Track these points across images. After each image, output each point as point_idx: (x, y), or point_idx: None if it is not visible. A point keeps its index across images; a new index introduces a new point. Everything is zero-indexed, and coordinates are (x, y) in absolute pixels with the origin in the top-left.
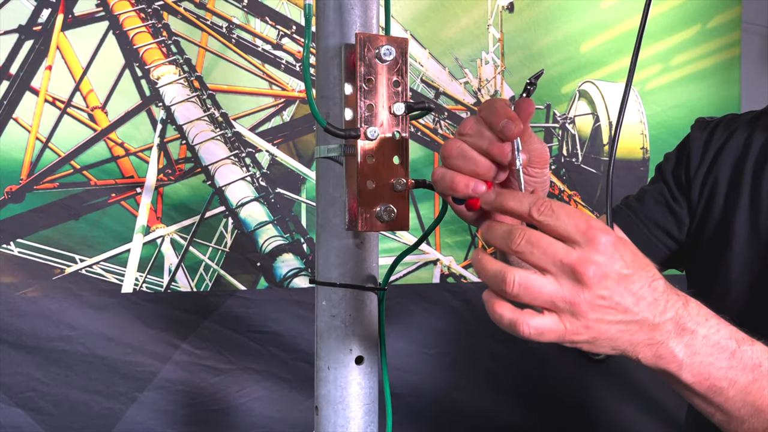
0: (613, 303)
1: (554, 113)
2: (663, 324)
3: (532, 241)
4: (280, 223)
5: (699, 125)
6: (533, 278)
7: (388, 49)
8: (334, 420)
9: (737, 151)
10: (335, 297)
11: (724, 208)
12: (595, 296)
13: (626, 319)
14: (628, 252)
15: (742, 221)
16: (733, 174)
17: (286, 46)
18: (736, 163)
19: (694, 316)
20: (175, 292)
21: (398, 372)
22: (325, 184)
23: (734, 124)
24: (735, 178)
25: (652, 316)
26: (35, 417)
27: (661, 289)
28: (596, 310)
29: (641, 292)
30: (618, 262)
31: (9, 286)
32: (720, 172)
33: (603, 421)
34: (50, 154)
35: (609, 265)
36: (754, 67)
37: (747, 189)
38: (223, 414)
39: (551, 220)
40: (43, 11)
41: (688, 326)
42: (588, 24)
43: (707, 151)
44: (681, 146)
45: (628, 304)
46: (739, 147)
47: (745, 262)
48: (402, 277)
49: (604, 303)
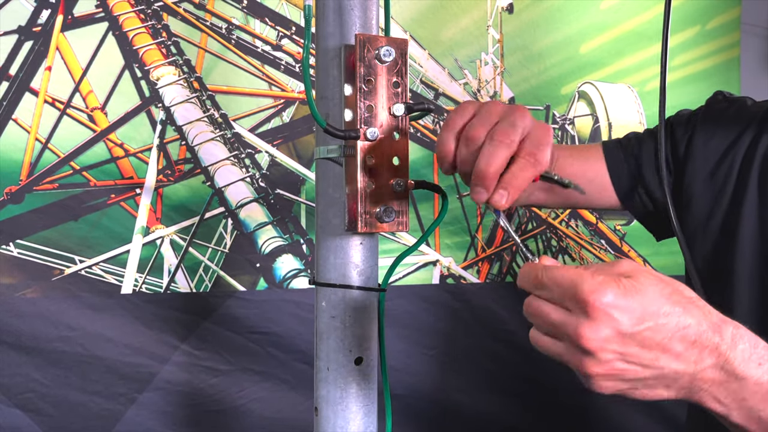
0: (625, 363)
1: (554, 114)
2: (702, 372)
3: (530, 311)
4: (280, 224)
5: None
6: (540, 336)
7: (387, 50)
8: (334, 421)
9: (745, 149)
10: (335, 298)
11: (730, 203)
12: (600, 361)
13: (651, 375)
14: (635, 305)
15: (748, 216)
16: (741, 171)
17: (285, 47)
18: (744, 160)
19: (745, 360)
20: (175, 293)
21: (398, 373)
22: (325, 185)
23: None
24: (742, 175)
25: (685, 366)
26: (34, 418)
27: (692, 337)
28: (605, 375)
29: (663, 344)
30: (620, 321)
31: (8, 287)
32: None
33: (603, 422)
34: (50, 155)
35: (607, 329)
36: (754, 68)
37: (754, 185)
38: (223, 415)
39: (543, 291)
40: (43, 12)
41: (737, 372)
42: (587, 25)
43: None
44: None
45: (647, 361)
46: (746, 145)
47: (751, 257)
48: (402, 277)
49: (614, 366)
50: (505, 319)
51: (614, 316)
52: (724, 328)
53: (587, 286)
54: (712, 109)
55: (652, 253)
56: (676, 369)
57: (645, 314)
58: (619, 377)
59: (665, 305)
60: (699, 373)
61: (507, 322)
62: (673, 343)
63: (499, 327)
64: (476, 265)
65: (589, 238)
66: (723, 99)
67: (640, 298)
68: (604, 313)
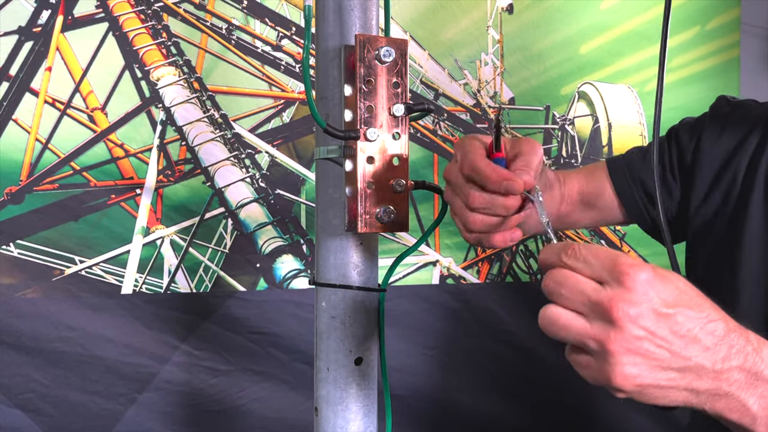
0: (654, 346)
1: (553, 114)
2: (728, 372)
3: (559, 280)
4: (280, 225)
5: (719, 105)
6: (561, 312)
7: (387, 50)
8: (334, 421)
9: (752, 150)
10: (335, 298)
11: (737, 203)
12: (628, 337)
13: (676, 366)
14: (670, 289)
15: (756, 216)
16: (748, 171)
17: (285, 47)
18: (751, 161)
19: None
20: (175, 293)
21: (398, 373)
22: (325, 185)
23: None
24: (749, 175)
25: (712, 362)
26: (34, 418)
27: (720, 333)
28: (631, 354)
29: (692, 334)
30: (655, 299)
31: (8, 287)
32: (737, 171)
33: (603, 422)
34: (50, 156)
35: (643, 303)
36: (754, 69)
37: (761, 184)
38: (223, 415)
39: (577, 262)
40: (43, 12)
41: (764, 374)
42: (587, 25)
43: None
44: (696, 123)
45: (676, 348)
46: (753, 146)
47: (757, 259)
48: (401, 278)
49: (642, 346)
50: (505, 320)
51: (650, 293)
52: (748, 333)
53: (626, 260)
54: (717, 113)
55: (651, 253)
56: (703, 364)
57: (679, 299)
58: (644, 361)
59: (696, 297)
60: (725, 372)
61: (507, 323)
62: (703, 335)
63: (499, 327)
64: (476, 266)
65: (589, 237)
66: (727, 103)
67: (673, 285)
68: (642, 287)
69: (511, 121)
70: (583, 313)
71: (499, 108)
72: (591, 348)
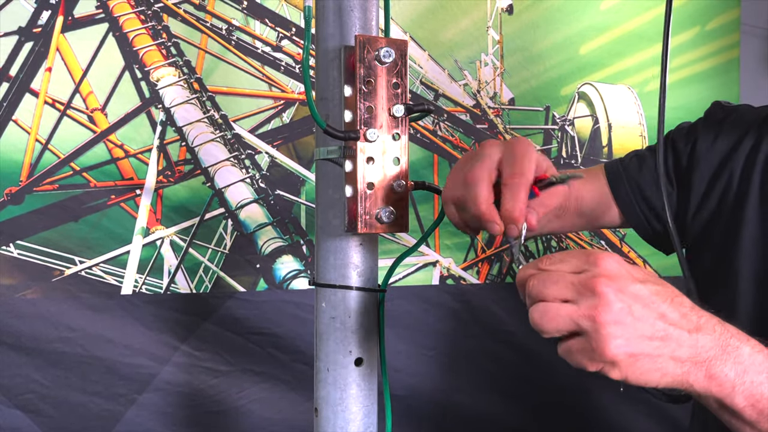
0: (638, 314)
1: (553, 115)
2: (703, 339)
3: (542, 278)
4: (280, 225)
5: (713, 110)
6: (549, 305)
7: (387, 51)
8: (334, 422)
9: (746, 153)
10: (335, 299)
11: (733, 206)
12: (614, 308)
13: (659, 334)
14: (638, 270)
15: (752, 219)
16: (743, 174)
17: (285, 48)
18: (746, 164)
19: (735, 333)
20: (175, 293)
21: (398, 374)
22: (325, 185)
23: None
24: (745, 178)
25: (687, 329)
26: (34, 419)
27: (687, 305)
28: (618, 325)
29: (665, 307)
30: (630, 277)
31: (8, 288)
32: (732, 174)
33: (604, 424)
34: (50, 156)
35: (622, 279)
36: (753, 69)
37: (756, 188)
38: (223, 415)
39: (554, 264)
40: (43, 13)
41: (731, 342)
42: (587, 26)
43: (715, 145)
44: (691, 128)
45: (655, 317)
46: (747, 149)
47: (753, 259)
48: (401, 278)
49: (627, 315)
50: (505, 320)
51: (623, 271)
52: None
53: (596, 250)
54: (711, 118)
55: (651, 253)
56: (680, 331)
57: (647, 278)
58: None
59: (659, 279)
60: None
61: (507, 323)
62: (674, 306)
63: (499, 328)
64: (476, 266)
65: (589, 238)
66: (721, 109)
67: (640, 268)
68: (616, 267)
69: (511, 122)
70: (569, 299)
71: (571, 177)
72: (582, 326)
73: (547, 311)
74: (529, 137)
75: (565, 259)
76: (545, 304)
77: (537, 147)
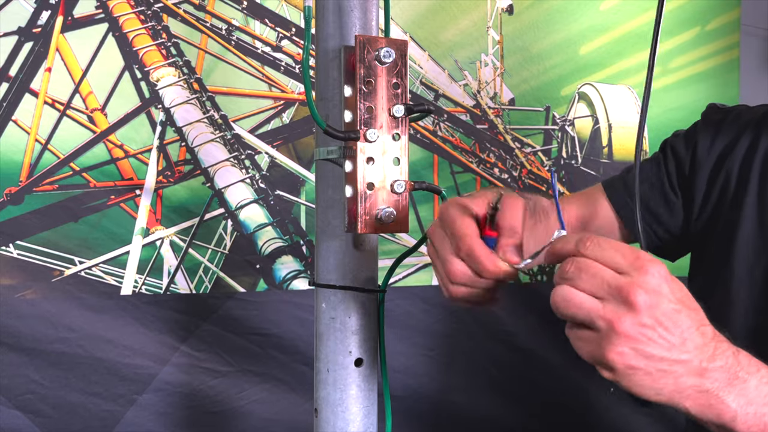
0: (657, 336)
1: (553, 115)
2: (712, 371)
3: (581, 266)
4: (280, 225)
5: (710, 112)
6: (576, 292)
7: (387, 51)
8: (334, 422)
9: (744, 152)
10: (335, 299)
11: (731, 205)
12: (638, 322)
13: (670, 358)
14: (678, 289)
15: (749, 218)
16: (741, 173)
17: (285, 48)
18: (743, 162)
19: (745, 366)
20: (175, 294)
21: (397, 374)
22: (325, 186)
23: (742, 121)
24: (742, 177)
25: (699, 360)
26: (34, 419)
27: (710, 335)
28: (635, 339)
29: (689, 333)
30: (669, 296)
31: (8, 288)
32: (730, 172)
33: (604, 425)
34: (49, 156)
35: (660, 297)
36: (753, 69)
37: (754, 187)
38: (222, 416)
39: (598, 252)
40: (43, 13)
41: (740, 375)
42: (587, 26)
43: (713, 146)
44: (690, 133)
45: (675, 342)
46: (745, 148)
47: (750, 262)
48: (401, 279)
49: (646, 333)
50: (505, 321)
51: (665, 287)
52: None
53: (644, 254)
54: (709, 120)
55: None
56: (692, 359)
57: (683, 299)
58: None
59: (694, 301)
60: (709, 371)
61: (507, 324)
62: (697, 335)
63: (499, 328)
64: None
65: None
66: (717, 110)
67: (679, 285)
68: (658, 281)
69: (511, 122)
70: (599, 296)
71: (499, 196)
72: (598, 326)
73: (571, 299)
74: (529, 137)
75: (609, 250)
76: (572, 291)
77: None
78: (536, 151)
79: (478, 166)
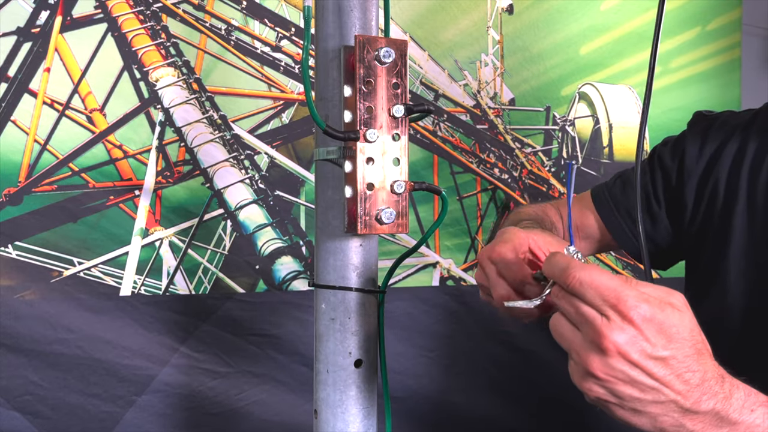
0: (629, 379)
1: (554, 115)
2: (697, 415)
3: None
4: (279, 226)
5: (697, 119)
6: (563, 322)
7: (387, 51)
8: (333, 423)
9: (732, 158)
10: (334, 300)
11: (721, 213)
12: (607, 365)
13: (644, 399)
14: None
15: (740, 226)
16: (730, 180)
17: (285, 48)
18: (732, 169)
19: (738, 408)
20: (174, 294)
21: (397, 375)
22: (324, 186)
23: (729, 126)
24: (732, 184)
25: (681, 404)
26: (33, 420)
27: (696, 382)
28: (605, 380)
29: (669, 378)
30: (644, 343)
31: (7, 289)
32: (719, 178)
33: (604, 425)
34: (48, 157)
35: (636, 341)
36: (755, 69)
37: (744, 194)
38: (222, 417)
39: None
40: (42, 13)
41: (731, 418)
42: (587, 26)
43: (702, 154)
44: (677, 142)
45: (652, 385)
46: (732, 153)
47: (741, 267)
48: (401, 279)
49: (616, 375)
50: (505, 322)
51: (645, 332)
52: (724, 381)
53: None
54: (696, 128)
55: None
56: (670, 401)
57: (668, 343)
58: (613, 391)
59: (688, 348)
60: (690, 414)
61: (507, 325)
62: (677, 380)
63: (499, 329)
64: (476, 267)
65: None
66: (704, 117)
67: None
68: (637, 326)
69: (511, 122)
70: (579, 328)
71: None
72: (574, 358)
73: (557, 327)
74: (529, 138)
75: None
76: (560, 320)
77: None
78: (536, 151)
79: (478, 167)
